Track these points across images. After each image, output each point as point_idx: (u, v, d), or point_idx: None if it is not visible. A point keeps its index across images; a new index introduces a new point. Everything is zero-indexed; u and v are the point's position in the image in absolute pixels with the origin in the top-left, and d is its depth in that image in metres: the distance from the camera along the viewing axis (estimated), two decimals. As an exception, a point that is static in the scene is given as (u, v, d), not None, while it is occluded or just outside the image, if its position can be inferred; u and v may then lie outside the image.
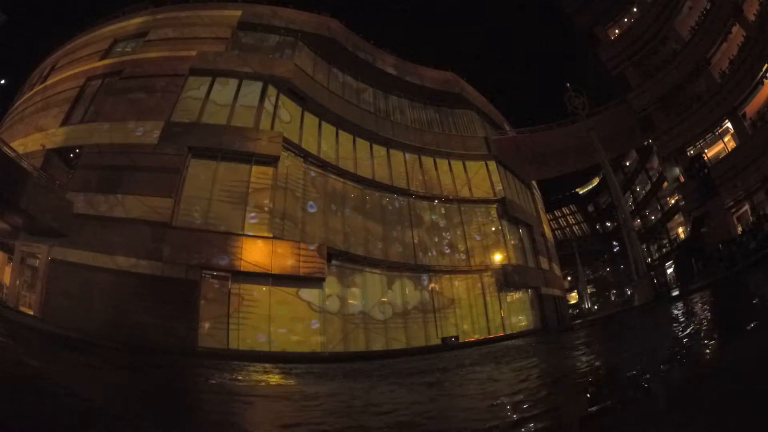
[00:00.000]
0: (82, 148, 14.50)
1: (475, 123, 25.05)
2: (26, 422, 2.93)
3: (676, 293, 17.03)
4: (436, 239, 19.87)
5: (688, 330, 6.36)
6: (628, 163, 37.58)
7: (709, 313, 7.84)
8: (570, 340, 10.73)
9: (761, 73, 17.30)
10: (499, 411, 3.73)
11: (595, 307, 41.61)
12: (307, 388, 6.50)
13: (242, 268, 13.03)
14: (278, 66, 17.09)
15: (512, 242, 22.05)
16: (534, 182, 29.01)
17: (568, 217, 50.42)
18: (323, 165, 17.48)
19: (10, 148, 12.18)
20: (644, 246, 32.85)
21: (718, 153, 20.68)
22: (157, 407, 4.50)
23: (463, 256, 20.00)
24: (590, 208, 49.64)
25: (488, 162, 23.32)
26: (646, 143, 28.17)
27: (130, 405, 4.39)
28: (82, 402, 4.05)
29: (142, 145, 14.05)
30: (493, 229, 21.66)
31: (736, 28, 19.19)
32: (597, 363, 6.06)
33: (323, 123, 18.41)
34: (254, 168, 14.81)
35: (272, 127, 15.85)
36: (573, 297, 43.81)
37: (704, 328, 6.02)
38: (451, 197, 21.20)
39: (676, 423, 2.21)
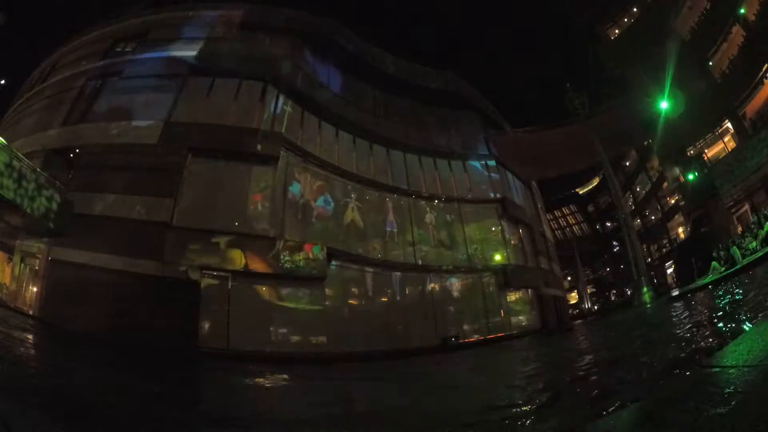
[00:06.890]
0: (82, 148, 14.49)
1: (475, 123, 25.01)
2: (26, 422, 2.93)
3: (675, 293, 17.06)
4: (436, 239, 19.85)
5: (686, 330, 6.37)
6: (628, 163, 37.60)
7: (707, 313, 7.84)
8: (569, 340, 10.73)
9: (761, 73, 17.30)
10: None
11: (596, 307, 41.61)
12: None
13: (242, 268, 13.05)
14: (278, 66, 17.09)
15: (512, 242, 22.03)
16: (534, 182, 28.99)
17: (568, 217, 50.42)
18: (323, 165, 17.47)
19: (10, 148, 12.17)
20: (644, 246, 32.86)
21: (718, 153, 20.68)
22: (156, 409, 4.51)
23: (463, 256, 19.98)
24: (590, 208, 49.66)
25: (488, 162, 23.33)
26: (646, 143, 28.18)
27: (131, 406, 4.40)
28: (82, 402, 4.06)
29: (142, 145, 14.02)
30: (493, 229, 21.65)
31: (736, 28, 19.19)
32: (595, 364, 6.07)
33: (323, 123, 18.39)
34: (254, 168, 14.80)
35: (272, 127, 15.84)
36: (573, 297, 43.78)
37: (702, 327, 6.02)
38: (451, 197, 21.19)
39: (671, 422, 2.21)
